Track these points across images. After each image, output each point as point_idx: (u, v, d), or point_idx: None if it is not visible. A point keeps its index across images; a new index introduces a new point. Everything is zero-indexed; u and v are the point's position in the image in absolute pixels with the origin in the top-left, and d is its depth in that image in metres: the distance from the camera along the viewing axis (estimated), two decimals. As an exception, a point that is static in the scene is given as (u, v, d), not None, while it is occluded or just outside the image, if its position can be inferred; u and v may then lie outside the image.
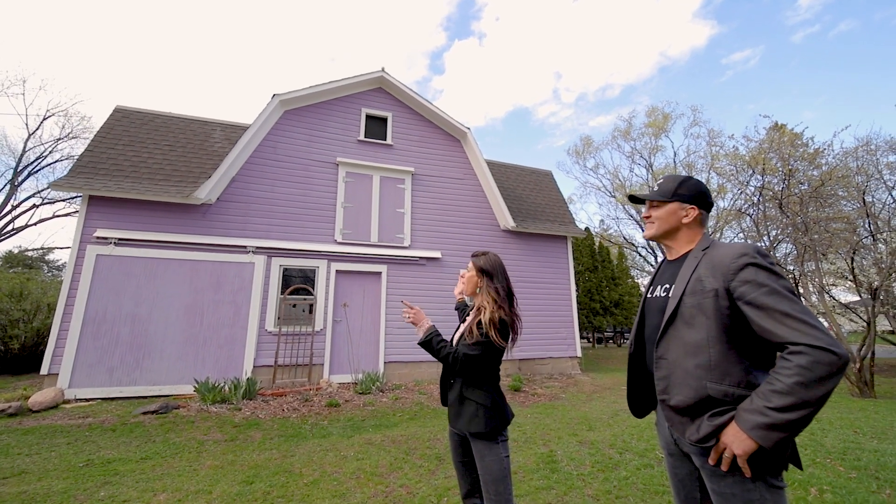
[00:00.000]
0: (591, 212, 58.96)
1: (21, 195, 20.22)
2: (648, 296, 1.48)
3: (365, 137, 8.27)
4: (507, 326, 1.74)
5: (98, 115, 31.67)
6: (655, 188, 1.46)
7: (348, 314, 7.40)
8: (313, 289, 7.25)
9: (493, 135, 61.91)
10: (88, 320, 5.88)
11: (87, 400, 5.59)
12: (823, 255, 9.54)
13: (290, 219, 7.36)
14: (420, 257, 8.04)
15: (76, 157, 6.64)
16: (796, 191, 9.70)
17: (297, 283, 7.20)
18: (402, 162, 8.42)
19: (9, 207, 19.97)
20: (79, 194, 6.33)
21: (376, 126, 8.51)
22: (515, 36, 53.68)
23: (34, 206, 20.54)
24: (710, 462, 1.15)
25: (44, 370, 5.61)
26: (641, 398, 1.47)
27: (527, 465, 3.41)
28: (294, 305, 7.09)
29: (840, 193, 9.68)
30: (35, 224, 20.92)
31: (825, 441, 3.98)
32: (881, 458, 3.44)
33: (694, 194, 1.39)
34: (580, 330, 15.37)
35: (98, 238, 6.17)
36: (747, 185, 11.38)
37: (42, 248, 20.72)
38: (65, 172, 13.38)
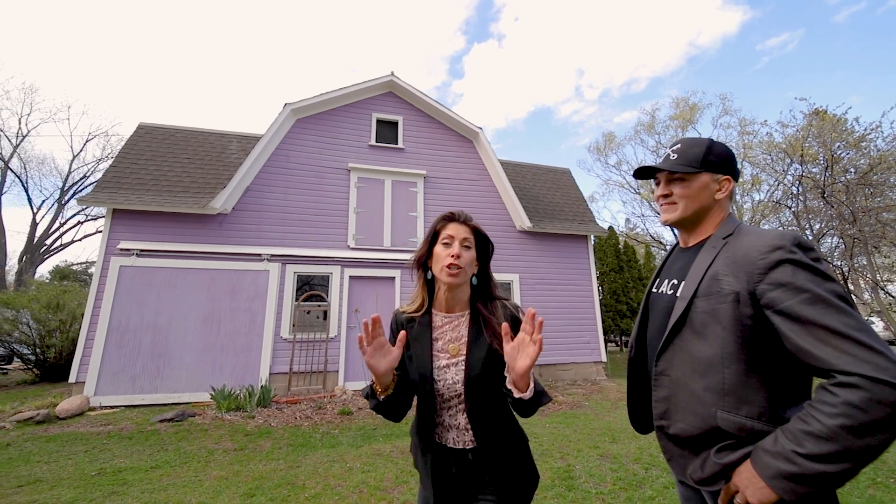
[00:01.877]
0: (614, 210, 57.27)
1: (67, 213, 21.69)
2: (653, 290, 1.20)
3: (376, 142, 8.25)
4: None
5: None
6: (672, 154, 1.11)
7: (361, 320, 7.33)
8: (327, 295, 7.24)
9: (514, 136, 61.39)
10: (113, 329, 6.07)
11: (111, 407, 5.75)
12: (875, 247, 8.70)
13: (304, 226, 7.40)
14: (434, 261, 7.89)
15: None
16: (841, 179, 8.93)
17: (311, 290, 7.20)
18: (413, 165, 8.34)
19: (56, 224, 21.47)
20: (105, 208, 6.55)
21: (387, 130, 8.47)
22: (535, 35, 53.16)
23: (79, 222, 22.01)
24: (720, 503, 0.90)
25: (72, 378, 5.83)
26: (645, 411, 1.19)
27: (541, 481, 3.15)
28: (308, 312, 7.10)
29: (892, 181, 8.83)
30: (80, 240, 22.41)
31: (886, 457, 3.51)
32: (958, 478, 2.97)
33: (726, 161, 1.08)
34: (606, 333, 14.77)
35: (121, 250, 6.39)
36: (785, 175, 10.61)
37: (86, 262, 22.07)
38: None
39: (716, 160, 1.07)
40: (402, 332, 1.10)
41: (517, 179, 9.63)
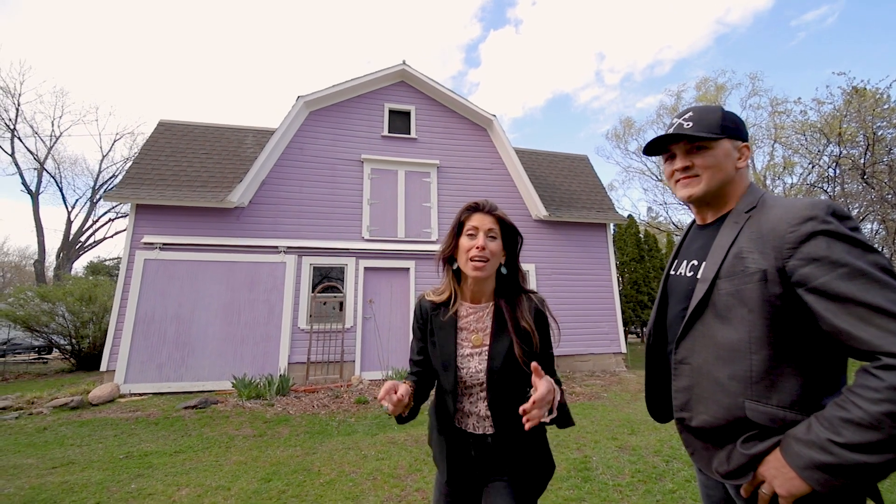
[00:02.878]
0: (634, 198, 55.61)
1: (98, 211, 22.69)
2: (671, 273, 1.11)
3: (389, 133, 8.20)
4: None
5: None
6: (686, 123, 0.99)
7: (376, 311, 7.38)
8: (342, 286, 7.30)
9: (532, 125, 60.16)
10: (139, 320, 6.30)
11: (139, 394, 6.00)
12: (922, 232, 8.10)
13: (319, 218, 7.46)
14: (448, 251, 7.83)
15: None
16: (884, 160, 8.33)
17: (327, 282, 7.28)
18: (426, 155, 8.25)
19: (89, 222, 22.51)
20: (129, 203, 6.77)
21: (399, 120, 8.40)
22: (553, 19, 51.57)
23: (110, 220, 22.99)
24: (743, 494, 0.84)
25: (103, 367, 6.10)
26: (665, 399, 1.11)
27: (557, 472, 3.08)
28: (325, 303, 7.18)
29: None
30: (112, 236, 23.44)
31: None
32: None
33: (742, 126, 1.00)
34: (627, 324, 14.43)
35: (145, 244, 6.60)
36: (821, 157, 10.00)
37: (117, 258, 23.08)
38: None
39: (733, 126, 0.98)
40: (402, 392, 1.06)
41: (533, 167, 9.41)
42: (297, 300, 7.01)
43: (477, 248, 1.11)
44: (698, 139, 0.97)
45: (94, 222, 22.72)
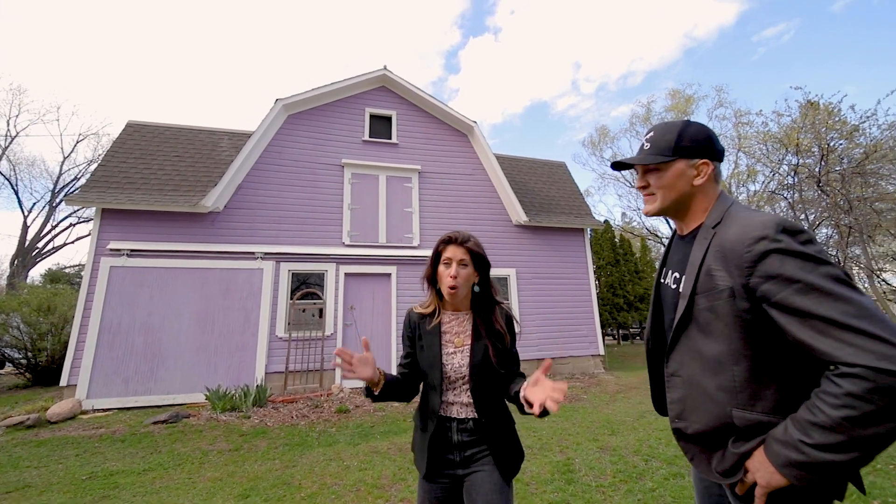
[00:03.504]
0: (609, 204, 57.32)
1: (59, 215, 21.41)
2: (661, 280, 1.18)
3: (370, 137, 8.14)
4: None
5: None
6: (646, 144, 1.07)
7: (358, 317, 7.27)
8: (322, 293, 7.16)
9: (511, 131, 61.05)
10: (104, 331, 5.97)
11: (104, 410, 5.66)
12: (870, 237, 8.72)
13: (298, 223, 7.30)
14: (429, 256, 7.82)
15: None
16: (836, 168, 8.92)
17: (306, 288, 7.12)
18: (408, 160, 8.24)
19: (48, 227, 21.19)
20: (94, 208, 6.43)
21: (381, 125, 8.37)
22: (531, 28, 52.65)
23: (71, 224, 21.73)
24: (738, 492, 0.90)
25: (63, 381, 5.73)
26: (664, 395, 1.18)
27: (540, 475, 3.12)
28: (304, 310, 7.02)
29: (883, 172, 8.84)
30: (72, 242, 22.15)
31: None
32: (958, 464, 2.96)
33: (702, 143, 1.02)
34: (604, 327, 14.78)
35: (111, 250, 6.27)
36: (780, 165, 10.60)
37: (78, 265, 21.81)
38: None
39: (690, 144, 1.02)
40: (369, 354, 1.30)
41: (512, 173, 9.56)
42: (275, 307, 6.82)
43: (451, 276, 1.34)
44: (657, 160, 1.03)
45: (53, 227, 21.43)
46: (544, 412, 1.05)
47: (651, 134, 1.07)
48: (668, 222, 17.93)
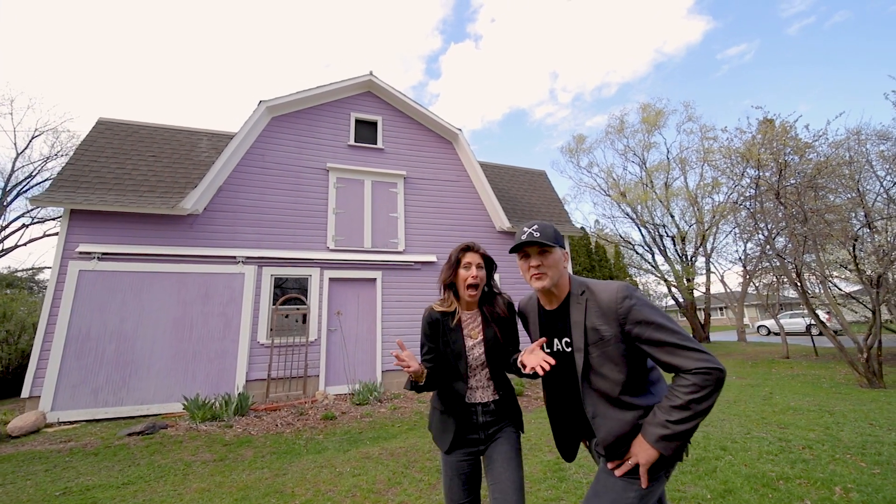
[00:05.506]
0: (585, 211, 59.05)
1: (10, 215, 19.95)
2: (547, 350, 1.46)
3: (355, 142, 8.13)
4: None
5: (87, 131, 31.48)
6: (535, 233, 1.39)
7: (343, 322, 7.20)
8: (306, 298, 7.05)
9: (490, 138, 62.12)
10: (71, 339, 5.64)
11: (70, 423, 5.34)
12: (822, 246, 9.45)
13: (281, 227, 7.18)
14: (415, 262, 7.87)
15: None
16: (792, 180, 9.64)
17: (290, 293, 7.00)
18: (393, 166, 8.28)
19: (-3, 228, 19.68)
20: (61, 209, 6.09)
21: (366, 130, 8.38)
22: (511, 37, 54.08)
23: (24, 225, 20.26)
24: (617, 474, 1.24)
25: (25, 393, 5.37)
26: (569, 442, 1.48)
27: (533, 474, 3.22)
28: (287, 316, 6.88)
29: (831, 186, 9.63)
30: (25, 244, 20.64)
31: (841, 435, 3.82)
32: (903, 451, 3.28)
33: (562, 238, 1.46)
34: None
35: (81, 253, 5.96)
36: (742, 178, 11.34)
37: (32, 269, 20.35)
38: (52, 190, 13.04)
39: (560, 238, 1.43)
40: (408, 353, 1.49)
41: (495, 181, 9.76)
42: (257, 313, 6.66)
43: (473, 276, 1.60)
44: (546, 245, 1.37)
45: (3, 228, 19.92)
46: (534, 374, 1.29)
47: (536, 226, 1.40)
48: (657, 247, 18.67)
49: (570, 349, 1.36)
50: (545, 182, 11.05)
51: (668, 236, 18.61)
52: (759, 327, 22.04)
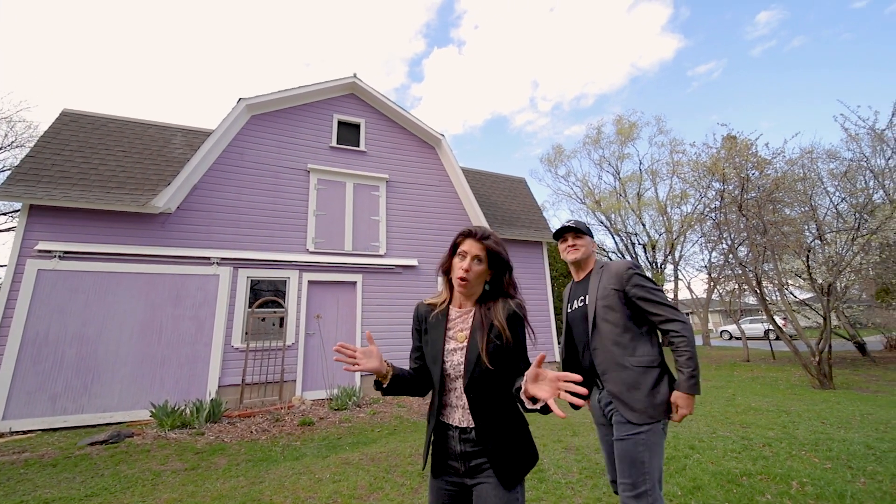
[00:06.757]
0: (563, 218, 60.42)
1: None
2: (568, 311, 1.98)
3: (337, 144, 8.06)
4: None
5: (47, 122, 29.61)
6: (572, 224, 2.01)
7: (322, 326, 7.08)
8: (284, 301, 6.90)
9: (471, 143, 62.74)
10: (27, 342, 5.29)
11: (24, 432, 5.00)
12: (779, 256, 10.11)
13: (259, 228, 7.01)
14: (396, 265, 7.85)
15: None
16: (752, 194, 10.27)
17: (267, 296, 6.83)
18: (376, 169, 8.26)
19: (-60, 222, 18.13)
20: (18, 204, 5.71)
21: (349, 132, 8.33)
22: (494, 44, 55.05)
23: (-30, 220, 18.77)
24: (676, 420, 1.67)
25: (-28, 401, 4.98)
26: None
27: (513, 476, 3.28)
28: (263, 319, 6.71)
29: (787, 200, 10.34)
30: (-30, 240, 19.12)
31: (797, 433, 4.10)
32: (850, 447, 3.56)
33: (591, 232, 2.04)
34: (559, 335, 15.56)
35: (40, 251, 5.62)
36: (708, 190, 11.96)
37: (-20, 266, 18.85)
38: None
39: (589, 230, 2.02)
40: (374, 348, 1.25)
41: (476, 186, 9.90)
42: (232, 316, 6.46)
43: (462, 269, 1.29)
44: (580, 231, 1.97)
45: (-52, 223, 18.37)
46: (546, 408, 1.02)
47: (573, 221, 2.02)
48: (634, 251, 19.31)
49: (584, 304, 1.87)
50: (525, 189, 11.29)
51: (639, 244, 19.36)
52: (722, 332, 23.21)
